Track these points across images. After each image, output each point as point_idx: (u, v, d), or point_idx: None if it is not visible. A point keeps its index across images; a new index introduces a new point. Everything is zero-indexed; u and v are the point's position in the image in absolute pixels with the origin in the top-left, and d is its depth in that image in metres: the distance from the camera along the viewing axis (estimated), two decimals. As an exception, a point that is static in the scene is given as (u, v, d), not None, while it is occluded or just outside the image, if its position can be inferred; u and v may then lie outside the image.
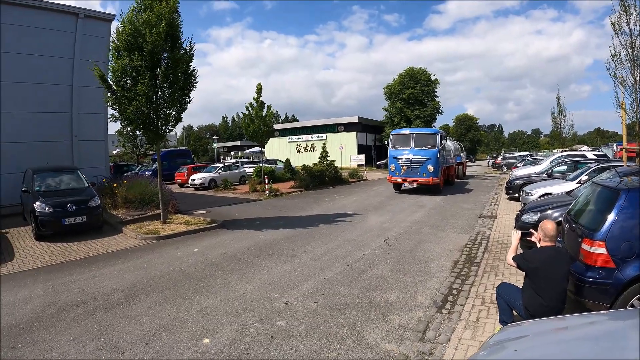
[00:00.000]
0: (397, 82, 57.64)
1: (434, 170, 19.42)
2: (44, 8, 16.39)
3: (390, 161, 20.87)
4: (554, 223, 4.82)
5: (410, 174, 19.91)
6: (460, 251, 8.98)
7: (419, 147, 20.04)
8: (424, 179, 19.61)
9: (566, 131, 43.52)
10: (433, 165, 19.42)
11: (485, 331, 4.97)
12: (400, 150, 20.49)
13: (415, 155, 19.76)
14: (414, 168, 19.75)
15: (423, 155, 19.61)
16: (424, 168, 19.51)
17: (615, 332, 2.91)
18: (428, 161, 19.50)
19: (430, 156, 19.51)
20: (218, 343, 4.82)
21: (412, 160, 19.79)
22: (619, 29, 15.57)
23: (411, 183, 20.35)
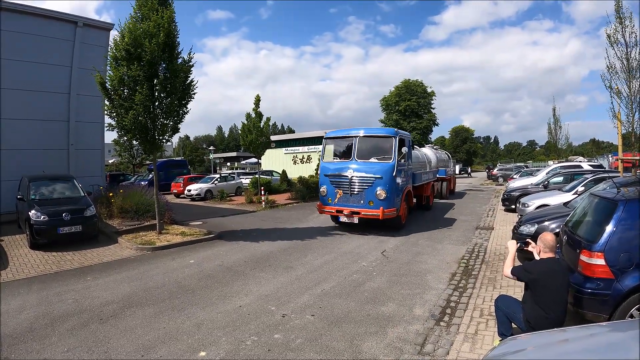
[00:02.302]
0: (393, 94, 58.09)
1: (386, 197, 12.21)
2: (43, 16, 16.45)
3: (321, 181, 13.75)
4: (553, 234, 4.82)
5: (350, 202, 12.78)
6: (457, 263, 8.96)
7: (365, 158, 13.04)
8: (369, 211, 12.39)
9: (562, 142, 43.82)
10: (386, 188, 12.24)
11: (484, 344, 4.93)
12: (335, 164, 13.54)
13: (358, 172, 12.69)
14: (355, 193, 12.70)
15: (369, 173, 12.54)
16: (371, 193, 12.42)
17: (616, 343, 2.90)
18: (377, 182, 12.35)
19: (382, 173, 12.35)
20: (215, 356, 4.75)
21: (352, 181, 12.71)
22: (615, 41, 15.72)
23: (350, 217, 12.76)
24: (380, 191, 12.26)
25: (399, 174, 12.86)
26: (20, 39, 15.60)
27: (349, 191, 12.83)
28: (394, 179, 12.56)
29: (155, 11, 10.82)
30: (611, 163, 32.14)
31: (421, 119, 56.49)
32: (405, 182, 13.68)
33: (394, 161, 12.60)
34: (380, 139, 13.44)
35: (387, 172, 12.46)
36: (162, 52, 10.81)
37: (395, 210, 12.65)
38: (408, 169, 14.24)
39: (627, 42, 15.56)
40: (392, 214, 12.55)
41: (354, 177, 12.73)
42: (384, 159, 12.82)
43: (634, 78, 15.38)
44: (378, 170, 12.53)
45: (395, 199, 12.66)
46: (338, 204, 13.05)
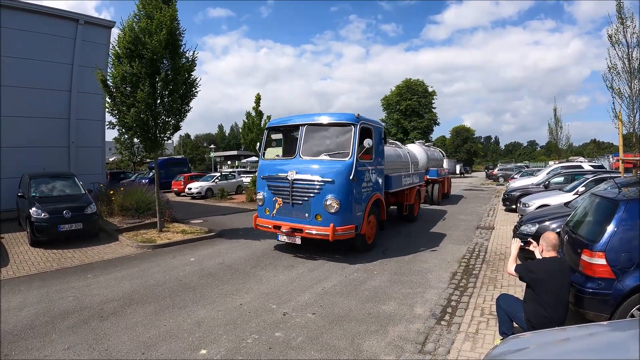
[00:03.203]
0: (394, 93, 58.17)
1: (340, 209, 8.77)
2: (45, 13, 16.45)
3: (258, 185, 10.44)
4: (555, 234, 4.83)
5: (291, 216, 9.39)
6: (458, 262, 8.96)
7: (313, 155, 9.50)
8: (315, 229, 8.96)
9: (563, 143, 43.80)
10: (339, 196, 8.81)
11: (485, 343, 4.93)
12: (275, 162, 10.20)
13: (302, 174, 9.23)
14: (298, 203, 9.27)
15: (316, 175, 9.06)
16: (318, 203, 8.97)
17: (616, 343, 2.90)
18: (327, 188, 8.91)
19: (334, 176, 8.90)
20: (215, 354, 4.75)
21: (294, 186, 9.28)
22: (616, 41, 15.69)
23: (290, 235, 9.39)
24: (331, 201, 8.68)
25: (360, 176, 9.27)
26: (21, 36, 15.61)
27: (290, 200, 9.27)
28: (352, 184, 8.87)
29: (158, 9, 10.82)
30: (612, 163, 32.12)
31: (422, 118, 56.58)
32: (372, 187, 9.98)
33: (352, 158, 8.93)
34: (333, 128, 9.64)
35: (341, 173, 8.81)
36: (164, 50, 10.81)
37: (353, 228, 8.97)
38: (377, 169, 10.44)
39: (628, 42, 15.54)
40: (349, 232, 8.93)
41: (296, 180, 9.13)
42: (339, 155, 9.15)
43: (635, 78, 15.36)
44: (328, 171, 8.91)
45: (353, 211, 9.03)
46: (277, 218, 9.53)
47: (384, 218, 10.99)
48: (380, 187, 10.79)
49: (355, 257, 9.47)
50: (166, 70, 11.21)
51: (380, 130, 11.04)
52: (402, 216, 14.65)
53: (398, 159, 14.94)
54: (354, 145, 9.11)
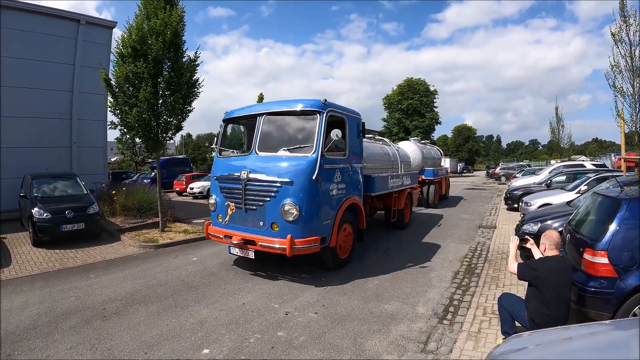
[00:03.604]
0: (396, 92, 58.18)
1: (301, 217, 7.20)
2: (46, 14, 16.48)
3: (211, 187, 8.91)
4: (557, 232, 4.83)
5: (245, 224, 7.86)
6: (460, 261, 8.95)
7: (271, 150, 7.98)
8: (270, 240, 7.36)
9: (564, 141, 43.72)
10: (299, 200, 7.23)
11: (487, 342, 4.93)
12: (230, 160, 8.59)
13: (256, 173, 7.71)
14: (252, 208, 7.72)
15: (272, 175, 7.51)
16: (274, 209, 7.41)
17: (618, 342, 2.90)
18: (285, 190, 7.33)
19: (293, 175, 7.33)
20: (218, 354, 4.76)
21: (247, 188, 7.75)
22: (619, 39, 15.67)
23: (242, 248, 7.86)
24: (289, 206, 7.08)
25: (328, 176, 7.64)
26: (22, 37, 15.64)
27: (242, 205, 7.71)
28: (316, 186, 7.26)
29: (162, 9, 10.85)
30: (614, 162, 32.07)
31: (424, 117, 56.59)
32: (345, 190, 8.26)
33: (316, 154, 7.33)
34: (296, 118, 8.13)
35: (301, 173, 7.20)
36: (167, 51, 10.85)
37: (317, 240, 7.29)
38: (353, 168, 8.69)
39: (631, 40, 15.53)
40: (312, 246, 7.21)
41: (249, 181, 7.60)
42: (300, 150, 7.57)
43: (638, 77, 15.35)
44: (286, 169, 7.32)
45: (319, 219, 7.38)
46: (229, 226, 8.03)
47: (363, 227, 9.23)
48: (358, 189, 8.99)
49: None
50: (169, 71, 11.24)
51: (357, 122, 9.16)
52: (391, 223, 12.76)
53: (385, 157, 13.13)
54: (318, 138, 7.45)
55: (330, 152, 7.90)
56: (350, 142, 8.72)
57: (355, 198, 8.79)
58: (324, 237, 7.56)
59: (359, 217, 9.12)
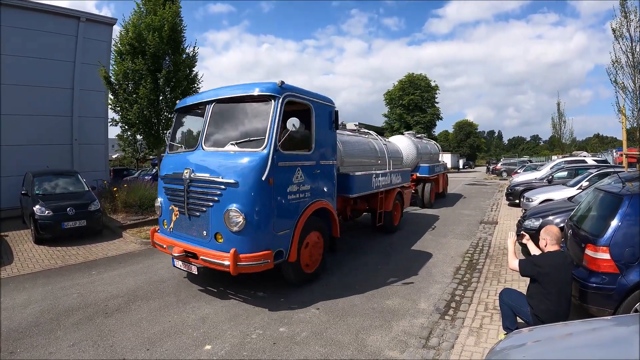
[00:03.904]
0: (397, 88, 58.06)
1: (248, 225, 5.75)
2: (46, 11, 16.47)
3: (159, 189, 7.55)
4: (557, 227, 4.83)
5: (188, 232, 6.55)
6: (462, 257, 8.96)
7: (219, 145, 6.53)
8: (212, 254, 5.95)
9: (566, 137, 43.66)
10: (247, 205, 5.80)
11: (489, 337, 4.93)
12: (176, 157, 7.24)
13: (200, 172, 6.33)
14: (195, 214, 6.36)
15: (216, 174, 6.11)
16: (218, 216, 6.00)
17: (619, 338, 2.89)
18: (229, 193, 5.92)
19: (238, 175, 5.90)
20: (220, 350, 4.78)
21: (190, 189, 6.39)
22: (620, 35, 15.60)
23: (184, 261, 6.45)
24: (234, 213, 5.77)
25: (285, 176, 6.31)
26: (23, 35, 15.62)
27: (185, 210, 6.46)
28: (268, 188, 5.93)
29: (161, 5, 10.85)
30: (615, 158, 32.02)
31: (425, 113, 56.49)
32: (310, 192, 6.90)
33: (269, 148, 5.97)
34: (248, 106, 6.70)
35: (248, 172, 5.86)
36: (166, 46, 10.84)
37: (270, 255, 5.93)
38: (322, 166, 7.32)
39: (632, 36, 15.44)
40: (263, 262, 5.85)
41: (193, 181, 6.35)
42: (250, 144, 6.17)
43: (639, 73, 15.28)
44: (231, 168, 6.01)
45: (271, 229, 6.03)
46: (173, 234, 6.83)
47: (336, 235, 7.87)
48: (329, 191, 7.62)
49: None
50: (168, 67, 11.24)
51: (329, 111, 7.71)
52: (377, 227, 11.31)
53: (370, 152, 11.42)
54: (271, 129, 6.03)
55: (290, 146, 6.58)
56: (318, 135, 7.22)
57: (325, 201, 7.35)
58: (280, 251, 6.18)
59: (332, 225, 7.79)
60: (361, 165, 10.57)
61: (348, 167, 9.39)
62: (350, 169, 9.55)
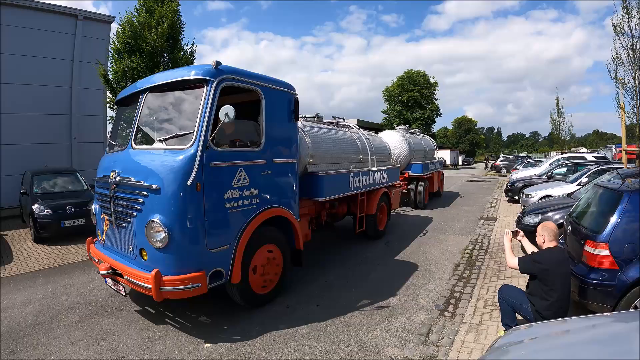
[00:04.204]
0: (396, 84, 58.07)
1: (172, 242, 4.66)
2: (43, 10, 16.41)
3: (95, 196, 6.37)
4: (554, 223, 4.84)
5: (117, 246, 5.52)
6: (461, 254, 8.96)
7: (149, 142, 5.61)
8: (136, 274, 4.86)
9: (565, 133, 43.69)
10: (170, 217, 4.68)
11: (488, 334, 4.94)
12: (112, 156, 6.15)
13: (127, 173, 5.26)
14: (122, 225, 5.32)
15: (139, 178, 5.03)
16: (141, 229, 4.88)
17: (618, 334, 2.90)
18: (152, 200, 4.82)
19: (160, 180, 4.76)
20: (219, 347, 4.78)
21: (117, 194, 5.35)
22: (621, 31, 15.59)
23: (113, 280, 5.34)
24: (155, 226, 4.74)
25: (223, 178, 5.18)
26: (21, 33, 15.58)
27: (113, 219, 5.52)
28: (196, 195, 4.82)
29: (159, 3, 10.84)
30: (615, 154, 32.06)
31: (424, 109, 56.48)
32: (259, 197, 5.72)
33: (197, 145, 4.88)
34: (180, 94, 5.65)
35: (171, 175, 4.78)
36: (164, 43, 10.83)
37: (200, 278, 4.81)
38: (276, 165, 6.07)
39: (633, 32, 15.44)
40: (191, 287, 4.75)
41: (118, 185, 5.35)
42: (179, 141, 5.13)
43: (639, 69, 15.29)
44: (154, 170, 4.94)
45: (203, 245, 4.93)
46: (106, 247, 5.87)
47: (299, 248, 6.62)
48: (288, 195, 6.35)
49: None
50: (166, 64, 11.23)
51: (287, 98, 6.40)
52: (359, 233, 9.91)
53: (347, 148, 9.40)
54: (201, 121, 4.93)
55: (230, 142, 5.73)
56: (271, 128, 5.94)
57: (282, 208, 6.13)
58: (217, 271, 5.07)
59: (295, 237, 6.56)
60: (337, 163, 8.82)
61: (318, 166, 7.97)
62: (322, 168, 8.06)
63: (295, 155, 6.55)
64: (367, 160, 10.35)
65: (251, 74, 5.81)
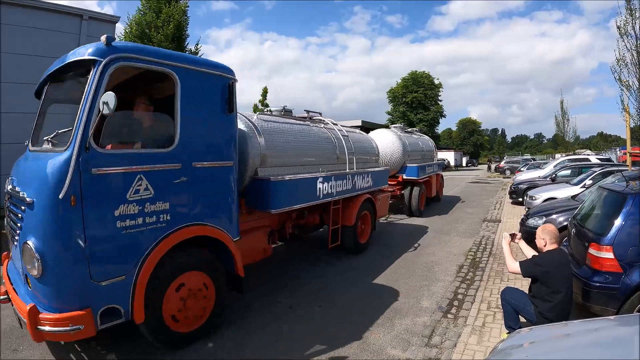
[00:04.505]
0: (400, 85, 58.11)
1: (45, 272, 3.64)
2: (48, 9, 16.47)
3: None
4: (553, 225, 4.84)
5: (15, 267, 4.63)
6: (465, 255, 8.94)
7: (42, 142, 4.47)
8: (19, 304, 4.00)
9: (570, 135, 43.58)
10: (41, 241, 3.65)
11: (491, 336, 4.94)
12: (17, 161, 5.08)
13: (17, 182, 4.27)
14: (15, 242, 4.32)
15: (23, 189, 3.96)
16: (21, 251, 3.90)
17: (620, 338, 2.89)
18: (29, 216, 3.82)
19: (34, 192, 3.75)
20: (222, 347, 4.79)
21: (9, 206, 4.50)
22: (625, 33, 15.54)
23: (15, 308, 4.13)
24: (27, 249, 3.75)
25: (110, 188, 3.93)
26: (25, 33, 15.65)
27: (9, 235, 4.81)
28: (72, 212, 3.65)
29: (167, 3, 10.88)
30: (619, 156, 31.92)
31: (428, 110, 56.51)
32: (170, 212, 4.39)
33: (73, 146, 3.69)
34: (72, 81, 4.71)
35: (43, 185, 3.69)
36: (170, 44, 10.87)
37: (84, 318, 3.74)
38: (189, 170, 4.58)
39: (637, 34, 15.39)
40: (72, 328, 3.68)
41: (11, 196, 4.49)
42: (63, 140, 4.12)
43: (644, 71, 15.24)
44: (31, 178, 4.01)
45: (89, 276, 3.80)
46: (10, 265, 4.98)
47: (240, 274, 5.23)
48: (220, 208, 5.03)
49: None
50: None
51: (219, 84, 5.06)
52: (333, 248, 8.30)
53: (316, 147, 7.78)
54: (80, 116, 3.81)
55: (127, 140, 4.45)
56: (189, 121, 4.57)
57: (208, 226, 4.82)
58: (111, 309, 4.00)
59: (235, 261, 5.16)
60: (303, 165, 7.28)
61: (276, 169, 6.46)
62: (281, 172, 6.52)
63: (230, 157, 5.14)
64: (345, 161, 8.71)
65: (160, 52, 4.47)
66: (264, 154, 6.20)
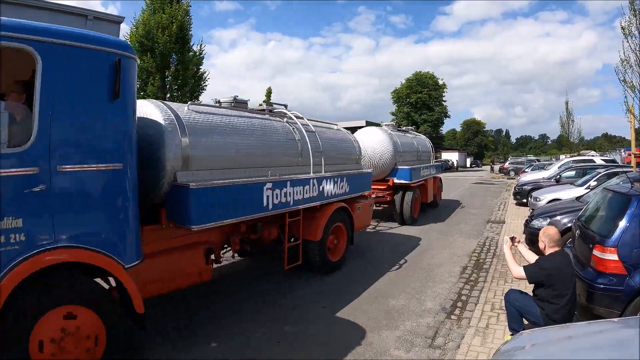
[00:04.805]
0: (404, 86, 58.08)
1: None
2: (53, 10, 16.55)
3: None
4: (555, 228, 4.82)
5: None
6: (468, 257, 8.93)
7: None
8: None
9: (574, 136, 43.45)
10: None
11: (495, 338, 4.93)
12: None
13: None
14: None
15: None
16: None
17: (623, 340, 2.89)
18: None
19: None
20: (225, 347, 4.81)
21: None
22: (629, 33, 15.48)
23: None
24: None
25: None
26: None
27: None
28: None
29: (169, 3, 10.95)
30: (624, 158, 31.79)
31: (432, 111, 56.44)
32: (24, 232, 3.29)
33: None
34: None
35: None
36: (174, 44, 10.93)
37: None
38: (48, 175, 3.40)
39: (641, 35, 15.33)
40: None
41: None
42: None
43: (648, 72, 15.19)
44: None
45: None
46: None
47: (139, 310, 4.07)
48: (105, 225, 3.88)
49: None
50: (175, 65, 11.34)
51: (102, 63, 3.82)
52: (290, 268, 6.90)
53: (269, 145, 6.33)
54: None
55: None
56: (52, 112, 3.47)
57: (87, 250, 3.70)
58: None
59: (126, 290, 3.96)
60: (247, 167, 5.80)
61: (205, 173, 5.12)
62: (215, 176, 5.20)
63: (119, 158, 3.98)
64: (309, 162, 7.15)
65: (16, 23, 3.35)
66: (186, 154, 4.86)
